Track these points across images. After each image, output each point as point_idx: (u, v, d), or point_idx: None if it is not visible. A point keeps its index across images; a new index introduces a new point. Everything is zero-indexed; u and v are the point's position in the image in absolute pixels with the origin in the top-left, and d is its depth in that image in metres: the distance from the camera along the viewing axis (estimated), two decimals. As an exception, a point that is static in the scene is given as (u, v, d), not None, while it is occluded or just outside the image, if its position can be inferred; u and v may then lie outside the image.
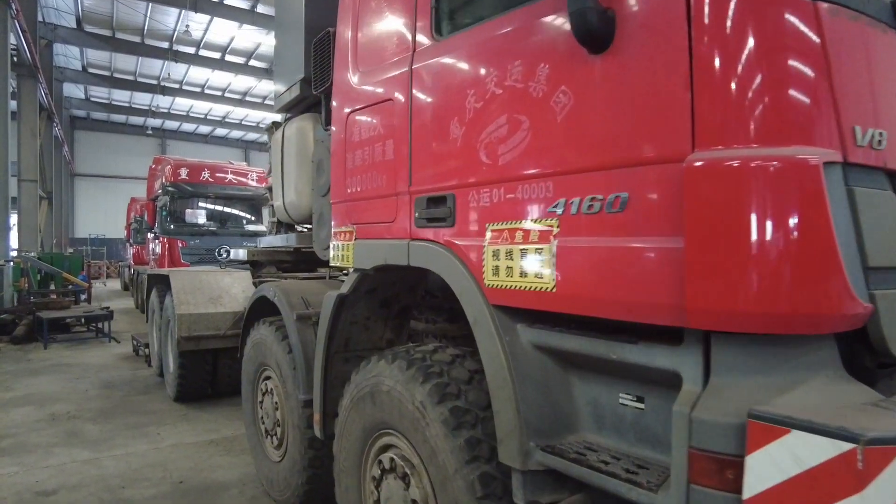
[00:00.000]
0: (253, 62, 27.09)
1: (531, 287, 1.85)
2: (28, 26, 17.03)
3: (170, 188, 11.92)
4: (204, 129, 39.05)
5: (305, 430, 3.51)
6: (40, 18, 21.08)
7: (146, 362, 8.55)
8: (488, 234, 2.01)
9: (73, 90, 31.11)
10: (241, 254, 5.07)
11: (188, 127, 38.47)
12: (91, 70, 28.31)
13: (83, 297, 15.09)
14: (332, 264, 3.23)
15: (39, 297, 13.01)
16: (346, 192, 2.99)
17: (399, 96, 2.51)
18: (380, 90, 2.68)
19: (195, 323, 6.08)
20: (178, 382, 6.29)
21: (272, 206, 4.75)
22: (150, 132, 37.35)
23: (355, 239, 2.92)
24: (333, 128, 3.20)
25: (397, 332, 3.46)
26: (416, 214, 2.39)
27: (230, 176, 12.62)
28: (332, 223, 3.19)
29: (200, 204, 12.52)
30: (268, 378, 4.10)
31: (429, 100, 2.35)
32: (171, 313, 6.37)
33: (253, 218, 13.16)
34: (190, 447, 5.14)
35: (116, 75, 28.95)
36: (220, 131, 39.75)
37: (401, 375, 2.42)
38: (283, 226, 4.64)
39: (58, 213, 29.08)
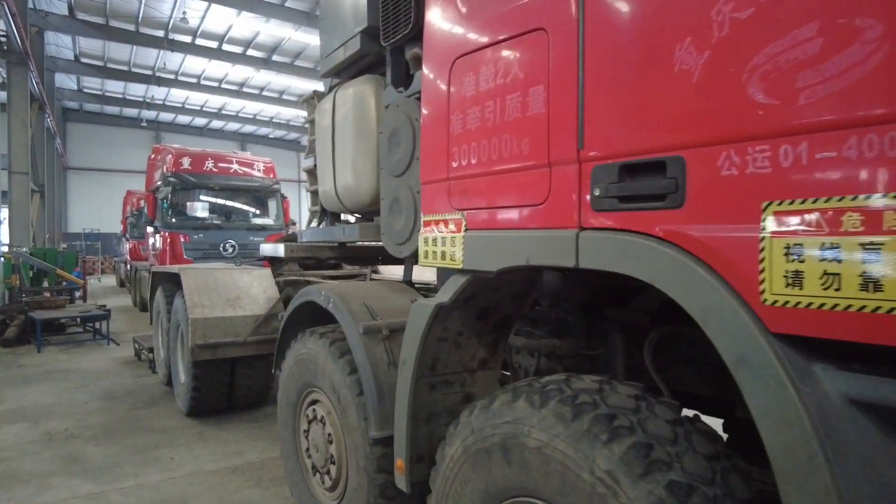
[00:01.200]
0: (251, 52, 26.10)
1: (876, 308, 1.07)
2: (18, 11, 16.03)
3: (171, 179, 11.04)
4: (200, 121, 37.95)
5: (376, 475, 2.72)
6: (31, 5, 20.04)
7: (150, 368, 7.72)
8: (769, 220, 1.22)
9: (65, 81, 29.96)
10: (276, 249, 4.21)
11: (183, 119, 37.35)
12: (84, 60, 27.20)
13: (78, 294, 14.18)
14: (421, 263, 2.43)
15: (32, 295, 12.12)
16: (447, 168, 2.20)
17: (559, 18, 1.71)
18: (516, 18, 1.88)
19: (211, 328, 5.27)
20: (192, 396, 5.48)
21: (312, 192, 3.95)
22: (144, 124, 36.22)
23: (465, 230, 2.12)
24: (419, 85, 2.41)
25: (492, 351, 2.68)
26: (596, 191, 1.60)
27: (235, 166, 11.75)
28: (421, 210, 2.40)
29: (204, 196, 11.64)
30: (316, 402, 3.31)
31: (625, 14, 1.55)
32: (183, 317, 5.55)
33: (258, 211, 12.30)
34: (211, 476, 4.34)
35: (110, 65, 27.84)
36: (217, 123, 38.64)
37: (562, 427, 1.63)
38: (327, 215, 3.82)
39: (50, 208, 28.00)
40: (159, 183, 11.40)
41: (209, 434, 5.28)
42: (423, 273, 7.28)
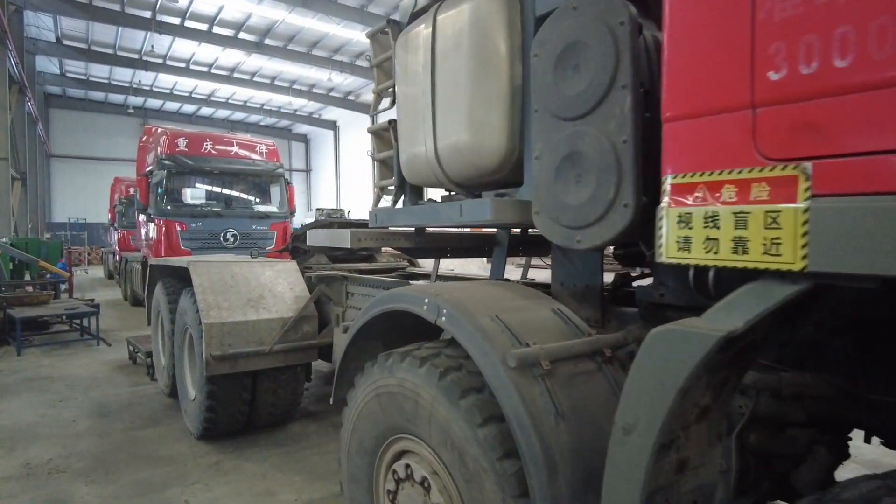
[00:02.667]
0: (242, 35, 24.70)
1: None
2: (-7, -16, 14.64)
3: (166, 161, 9.84)
4: (188, 108, 36.35)
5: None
6: (8, -20, 18.53)
7: (149, 374, 6.62)
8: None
9: (46, 64, 28.26)
10: (339, 236, 3.06)
11: (171, 106, 35.72)
12: (66, 42, 25.59)
13: (64, 288, 12.93)
14: (669, 258, 1.39)
15: (11, 289, 10.87)
16: (750, 82, 1.17)
17: None
18: None
19: (230, 336, 4.21)
20: (205, 417, 4.41)
21: (380, 161, 2.89)
22: (131, 111, 34.56)
23: (809, 197, 1.10)
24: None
25: (717, 394, 1.68)
26: None
27: (235, 148, 10.57)
28: (665, 166, 1.37)
29: (202, 181, 10.46)
30: (407, 453, 2.29)
31: None
32: (193, 320, 4.48)
33: (261, 198, 11.15)
34: (240, 531, 3.30)
35: (94, 48, 26.24)
36: (206, 110, 37.08)
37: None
38: (406, 192, 2.75)
39: (33, 196, 26.46)
40: (152, 167, 10.20)
41: (228, 464, 4.23)
42: (469, 268, 6.11)
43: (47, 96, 32.82)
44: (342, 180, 38.95)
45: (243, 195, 10.92)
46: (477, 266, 5.93)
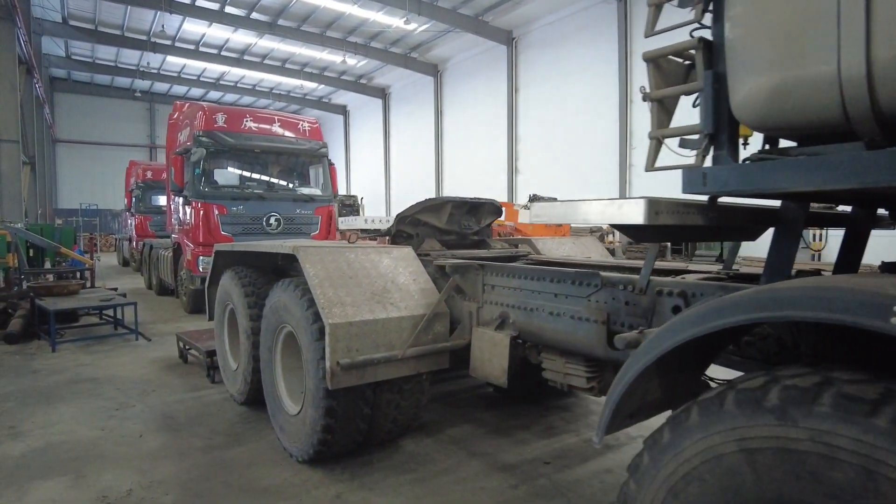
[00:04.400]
0: (255, 14, 23.51)
1: None
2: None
3: (204, 139, 8.87)
4: (196, 91, 35.03)
5: None
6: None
7: (209, 377, 5.74)
8: None
9: (52, 46, 26.98)
10: (634, 210, 2.10)
11: (179, 90, 34.43)
12: (73, 22, 24.34)
13: (85, 276, 11.97)
14: None
15: (33, 277, 9.92)
16: None
17: None
18: None
19: (358, 339, 3.33)
20: (321, 439, 3.51)
21: (662, 103, 1.98)
22: (138, 94, 33.30)
23: None
24: None
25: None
26: None
27: (277, 126, 9.60)
28: None
29: (242, 160, 9.50)
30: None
31: None
32: (300, 319, 3.59)
33: (299, 182, 10.19)
34: None
35: (101, 29, 25.01)
36: (214, 94, 35.78)
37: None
38: (723, 141, 1.81)
39: (41, 182, 25.35)
40: (188, 144, 9.22)
41: (353, 498, 3.35)
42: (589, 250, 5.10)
43: (52, 80, 31.53)
44: (352, 166, 37.87)
45: (285, 176, 9.96)
46: (598, 253, 5.03)
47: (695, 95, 1.95)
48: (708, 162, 1.86)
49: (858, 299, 1.32)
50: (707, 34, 1.84)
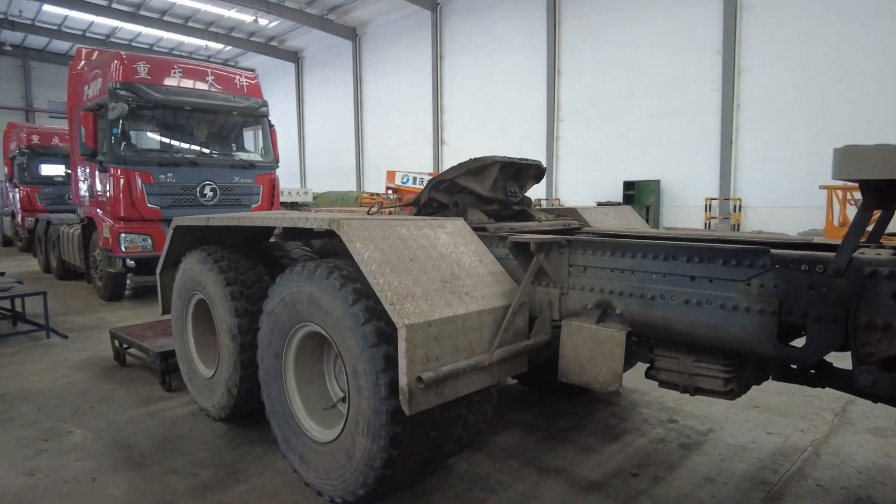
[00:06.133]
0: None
1: None
2: None
3: (122, 92, 7.19)
4: (79, 50, 30.67)
5: None
6: None
7: (163, 383, 4.51)
8: None
9: None
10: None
11: (59, 45, 29.98)
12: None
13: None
14: None
15: None
16: None
17: None
18: None
19: (437, 343, 2.42)
20: (380, 476, 2.55)
21: None
22: (7, 48, 28.62)
23: None
24: None
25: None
26: None
27: (211, 79, 8.05)
28: None
29: (171, 119, 7.89)
30: None
31: None
32: (346, 319, 2.59)
33: (234, 146, 8.72)
34: None
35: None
36: (100, 54, 31.56)
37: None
38: None
39: None
40: (102, 100, 7.49)
41: (432, 555, 2.46)
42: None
43: None
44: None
45: (220, 139, 8.47)
46: (639, 224, 4.36)
47: None
48: None
49: None
50: None
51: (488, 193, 3.58)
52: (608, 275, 2.76)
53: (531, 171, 3.81)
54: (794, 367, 2.58)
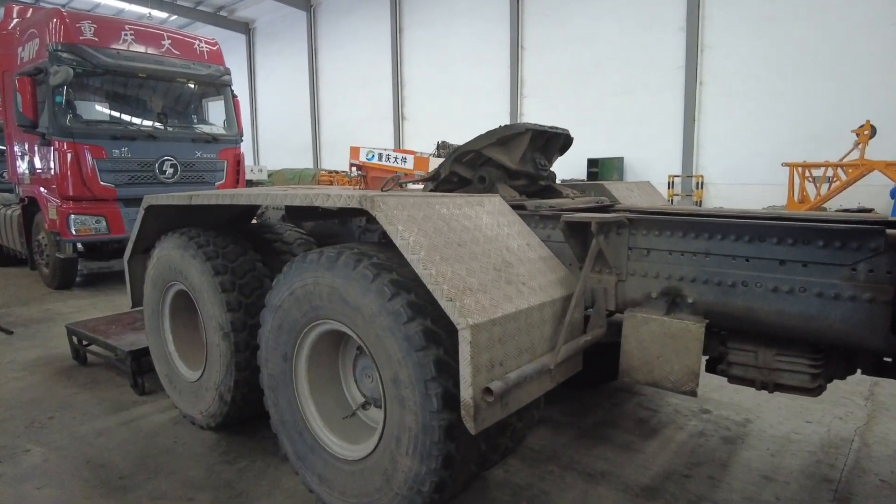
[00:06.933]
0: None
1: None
2: None
3: (65, 54, 6.32)
4: (5, 16, 28.05)
5: None
6: None
7: (134, 385, 3.93)
8: None
9: None
10: None
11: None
12: None
13: None
14: None
15: None
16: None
17: None
18: None
19: (501, 345, 2.00)
20: (430, 500, 2.14)
21: None
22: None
23: None
24: None
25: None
26: None
27: (168, 43, 7.21)
28: None
29: (122, 86, 7.04)
30: None
31: None
32: (382, 317, 2.13)
33: (194, 118, 7.93)
34: None
35: None
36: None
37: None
38: None
39: None
40: (41, 63, 6.57)
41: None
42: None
43: None
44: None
45: (179, 110, 7.66)
46: (661, 200, 4.04)
47: None
48: None
49: None
50: None
51: (517, 166, 3.15)
52: (677, 259, 2.40)
53: (559, 142, 3.40)
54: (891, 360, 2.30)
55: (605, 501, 2.63)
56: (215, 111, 8.02)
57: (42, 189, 6.95)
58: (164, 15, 27.29)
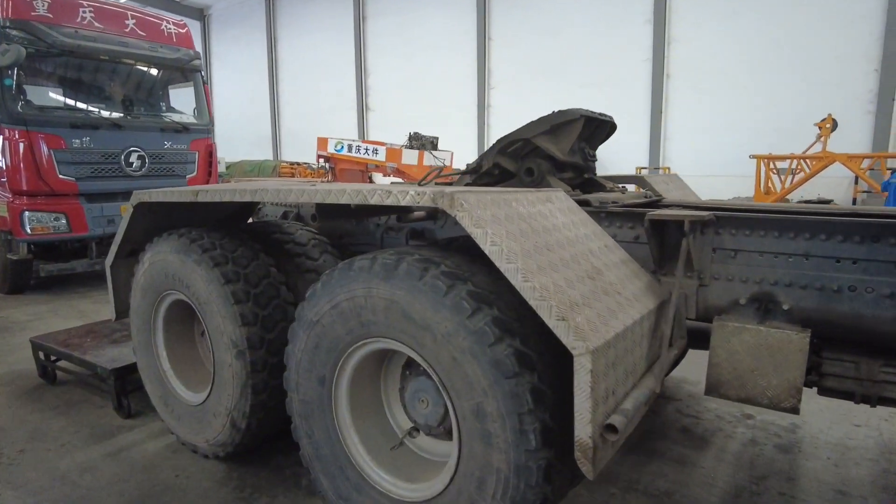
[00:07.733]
0: None
1: None
2: None
3: (14, 32, 5.59)
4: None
5: None
6: None
7: (118, 408, 3.42)
8: None
9: None
10: None
11: None
12: None
13: None
14: None
15: None
16: None
17: None
18: None
19: (614, 370, 1.67)
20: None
21: None
22: None
23: None
24: None
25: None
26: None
27: (132, 23, 6.53)
28: None
29: (82, 69, 6.32)
30: None
31: None
32: (461, 337, 1.77)
33: (162, 106, 7.27)
34: None
35: None
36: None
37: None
38: None
39: None
40: (-17, 41, 5.81)
41: None
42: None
43: None
44: (164, 100, 31.69)
45: (145, 97, 6.99)
46: (693, 194, 3.81)
47: None
48: None
49: None
50: None
51: (565, 157, 2.82)
52: (770, 261, 2.13)
53: (605, 130, 3.09)
54: None
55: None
56: (180, 99, 7.38)
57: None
58: (110, -2, 25.64)
